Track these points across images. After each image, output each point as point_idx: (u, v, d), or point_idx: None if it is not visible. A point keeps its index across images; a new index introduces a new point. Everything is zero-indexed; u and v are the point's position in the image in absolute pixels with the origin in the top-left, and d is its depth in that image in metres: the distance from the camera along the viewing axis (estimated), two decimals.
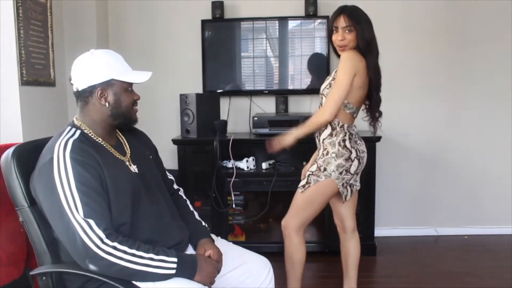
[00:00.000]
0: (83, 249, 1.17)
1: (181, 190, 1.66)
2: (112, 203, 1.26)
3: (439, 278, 2.56)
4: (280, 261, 1.90)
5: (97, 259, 1.17)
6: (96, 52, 1.35)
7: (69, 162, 1.22)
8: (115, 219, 1.26)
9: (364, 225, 2.86)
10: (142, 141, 1.55)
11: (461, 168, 3.25)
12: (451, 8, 3.12)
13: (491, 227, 3.25)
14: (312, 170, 1.93)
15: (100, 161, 1.26)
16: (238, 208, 2.90)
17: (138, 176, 1.39)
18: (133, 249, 1.20)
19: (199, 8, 3.16)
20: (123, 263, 1.18)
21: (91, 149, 1.28)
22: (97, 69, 1.32)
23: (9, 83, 2.30)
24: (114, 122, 1.37)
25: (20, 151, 1.34)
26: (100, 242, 1.17)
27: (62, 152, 1.23)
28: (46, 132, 1.66)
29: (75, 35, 2.97)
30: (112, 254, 1.17)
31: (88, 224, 1.17)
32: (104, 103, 1.33)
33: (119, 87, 1.34)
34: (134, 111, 1.41)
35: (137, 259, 1.19)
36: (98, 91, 1.32)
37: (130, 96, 1.38)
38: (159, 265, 1.22)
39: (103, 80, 1.32)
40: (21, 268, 1.85)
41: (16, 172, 1.29)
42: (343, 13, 1.84)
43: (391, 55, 3.14)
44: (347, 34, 1.84)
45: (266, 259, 1.57)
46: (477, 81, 3.18)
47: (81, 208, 1.18)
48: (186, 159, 2.85)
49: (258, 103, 3.22)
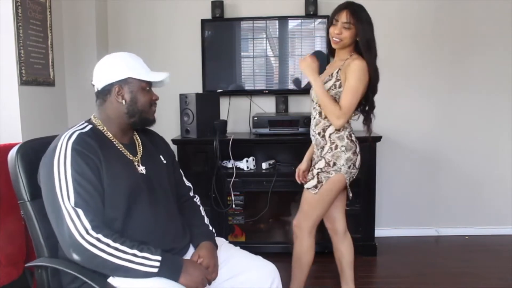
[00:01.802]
0: (69, 237, 1.19)
1: (197, 197, 1.66)
2: (106, 198, 1.27)
3: (440, 278, 2.56)
4: (280, 261, 1.89)
5: (80, 249, 1.18)
6: (116, 53, 1.42)
7: (70, 151, 1.25)
8: (108, 214, 1.27)
9: (364, 225, 2.85)
10: (158, 145, 1.56)
11: (461, 168, 3.24)
12: (451, 9, 3.11)
13: (492, 227, 3.25)
14: (320, 166, 1.93)
15: (101, 155, 1.29)
16: (238, 208, 2.90)
17: (143, 177, 1.39)
18: (117, 243, 1.21)
19: (199, 7, 3.15)
20: (105, 256, 1.19)
21: (95, 143, 1.30)
22: (115, 68, 1.37)
23: (8, 82, 2.30)
24: (130, 120, 1.40)
25: (26, 147, 1.39)
26: (84, 232, 1.18)
27: (66, 141, 1.27)
28: (45, 132, 1.66)
29: (74, 35, 2.96)
30: (95, 245, 1.18)
31: (76, 213, 1.20)
32: (121, 101, 1.37)
33: (136, 86, 1.38)
34: (151, 111, 1.45)
35: (120, 254, 1.20)
36: (116, 89, 1.36)
37: (148, 95, 1.42)
38: (142, 262, 1.21)
39: (121, 78, 1.36)
40: (20, 268, 1.85)
41: (18, 167, 1.34)
42: (347, 9, 1.86)
43: (391, 55, 3.14)
44: (345, 30, 1.86)
45: (273, 266, 1.51)
46: (477, 81, 3.17)
47: (72, 196, 1.21)
48: (186, 159, 2.84)
49: (258, 103, 3.21)
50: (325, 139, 1.95)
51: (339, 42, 1.89)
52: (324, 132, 1.95)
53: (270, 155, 2.95)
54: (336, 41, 1.89)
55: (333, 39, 1.90)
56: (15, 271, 1.83)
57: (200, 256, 1.38)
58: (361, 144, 2.02)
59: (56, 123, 2.73)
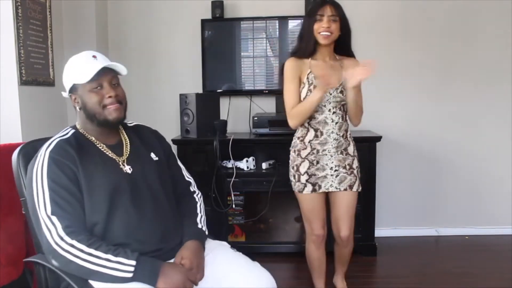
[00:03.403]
0: (47, 245, 1.23)
1: (198, 193, 1.61)
2: (86, 202, 1.29)
3: (440, 278, 2.56)
4: (280, 261, 1.90)
5: (56, 255, 1.22)
6: (69, 59, 1.42)
7: (47, 160, 1.28)
8: (89, 218, 1.29)
9: (364, 225, 2.85)
10: (149, 142, 1.52)
11: (461, 168, 3.24)
12: (451, 8, 3.11)
13: (492, 227, 3.24)
14: (357, 165, 2.04)
15: (79, 161, 1.30)
16: (238, 208, 2.89)
17: (129, 177, 1.37)
18: (92, 248, 1.22)
19: (199, 7, 3.15)
20: (79, 262, 1.21)
21: (74, 149, 1.32)
22: (64, 78, 1.41)
23: (8, 82, 2.30)
24: (93, 123, 1.39)
25: (28, 147, 1.44)
26: (59, 239, 1.21)
27: (45, 150, 1.30)
28: (45, 132, 1.66)
29: (74, 34, 2.96)
30: (69, 251, 1.21)
31: (51, 221, 1.23)
32: (78, 108, 1.40)
33: (82, 90, 1.36)
34: (107, 111, 1.36)
35: (94, 259, 1.21)
36: (72, 97, 1.40)
37: (97, 96, 1.35)
38: (116, 267, 1.21)
39: (69, 87, 1.39)
40: (20, 268, 1.85)
41: (19, 166, 1.40)
42: (329, 3, 1.89)
43: (391, 55, 3.14)
44: (333, 23, 1.87)
45: (271, 278, 1.39)
46: (477, 82, 3.17)
47: (49, 205, 1.24)
48: (186, 159, 2.83)
49: (258, 103, 3.21)
50: (348, 139, 2.03)
51: (329, 36, 1.88)
52: (346, 133, 2.03)
53: (270, 155, 2.95)
54: (326, 36, 1.88)
55: (321, 34, 1.88)
56: (15, 271, 1.83)
57: (183, 257, 1.33)
58: (361, 144, 2.04)
59: (56, 123, 2.73)
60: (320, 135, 1.98)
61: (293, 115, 1.96)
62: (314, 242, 2.09)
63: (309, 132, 2.00)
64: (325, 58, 1.96)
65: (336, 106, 1.96)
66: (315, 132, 1.98)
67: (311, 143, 1.99)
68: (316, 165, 1.99)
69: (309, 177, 1.99)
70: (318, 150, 1.98)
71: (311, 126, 1.99)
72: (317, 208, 2.04)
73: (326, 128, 1.97)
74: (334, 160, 1.99)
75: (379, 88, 3.03)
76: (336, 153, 1.98)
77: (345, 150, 2.01)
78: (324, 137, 1.97)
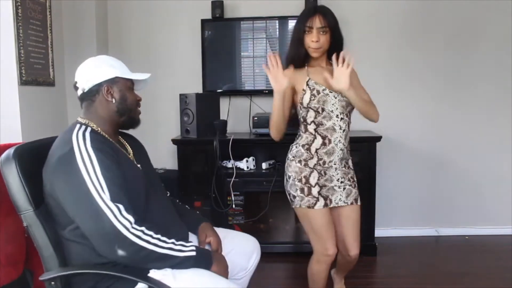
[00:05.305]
0: (113, 233, 1.18)
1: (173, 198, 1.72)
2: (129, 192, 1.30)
3: (440, 278, 2.56)
4: (280, 261, 1.90)
5: (126, 243, 1.19)
6: (99, 56, 1.45)
7: (92, 151, 1.25)
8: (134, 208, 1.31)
9: (364, 225, 2.85)
10: (137, 145, 1.59)
11: (461, 168, 3.24)
12: (451, 10, 3.11)
13: (492, 227, 3.25)
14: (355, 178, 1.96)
15: (113, 151, 1.32)
16: (238, 208, 2.90)
17: (144, 174, 1.43)
18: (158, 234, 1.25)
19: (199, 7, 3.15)
20: (150, 247, 1.21)
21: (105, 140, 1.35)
22: (102, 68, 1.39)
23: (8, 82, 2.30)
24: (120, 118, 1.42)
25: (21, 152, 1.29)
26: (130, 226, 1.19)
27: (82, 142, 1.26)
28: (45, 132, 1.66)
29: (74, 34, 2.96)
30: (141, 237, 1.20)
31: (117, 208, 1.20)
32: (110, 99, 1.39)
33: (123, 85, 1.41)
34: (138, 111, 1.47)
35: (162, 243, 1.24)
36: (105, 88, 1.38)
37: (134, 95, 1.46)
38: (181, 249, 1.27)
39: (109, 78, 1.38)
40: (19, 269, 1.85)
41: (19, 174, 1.25)
42: (318, 13, 1.77)
43: (391, 55, 3.14)
44: (322, 36, 1.77)
45: (254, 239, 1.68)
46: (477, 82, 3.17)
47: (108, 193, 1.21)
48: (186, 159, 2.84)
49: (258, 103, 3.21)
50: (349, 152, 1.93)
51: (319, 49, 1.80)
52: (349, 145, 1.92)
53: (270, 155, 2.95)
54: (316, 49, 1.79)
55: (311, 48, 1.80)
56: (15, 271, 1.83)
57: (207, 236, 1.49)
58: (361, 144, 2.02)
59: (56, 123, 2.73)
60: (328, 143, 1.84)
61: (270, 125, 1.88)
62: (326, 262, 1.90)
63: (316, 140, 1.85)
64: (321, 64, 1.89)
65: (343, 112, 1.85)
66: (323, 140, 1.84)
67: (317, 152, 1.85)
68: (324, 175, 1.87)
69: (321, 189, 1.86)
70: (325, 161, 1.86)
71: (318, 133, 1.84)
72: (330, 224, 1.87)
73: (334, 136, 1.84)
74: (339, 172, 1.89)
75: (379, 88, 3.02)
76: (340, 165, 1.89)
77: (347, 164, 1.95)
78: (331, 146, 1.84)
